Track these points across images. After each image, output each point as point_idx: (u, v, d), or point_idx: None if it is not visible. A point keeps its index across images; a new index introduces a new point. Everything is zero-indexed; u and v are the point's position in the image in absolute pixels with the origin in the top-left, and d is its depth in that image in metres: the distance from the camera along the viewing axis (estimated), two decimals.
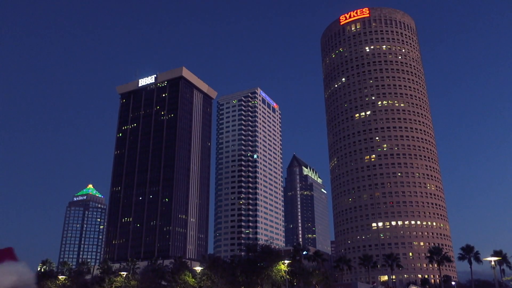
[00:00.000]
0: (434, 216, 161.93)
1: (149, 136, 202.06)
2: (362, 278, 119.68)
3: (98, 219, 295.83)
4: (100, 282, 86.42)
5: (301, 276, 73.75)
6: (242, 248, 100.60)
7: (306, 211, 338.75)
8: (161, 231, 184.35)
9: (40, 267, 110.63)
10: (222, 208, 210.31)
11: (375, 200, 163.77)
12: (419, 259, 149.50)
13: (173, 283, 78.18)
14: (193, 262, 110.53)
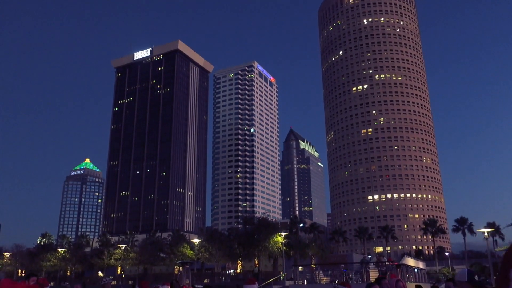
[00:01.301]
0: (430, 189, 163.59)
1: (146, 111, 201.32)
2: (357, 250, 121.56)
3: (96, 193, 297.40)
4: (99, 255, 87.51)
5: (297, 248, 74.88)
6: (239, 221, 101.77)
7: (302, 185, 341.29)
8: (159, 205, 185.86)
9: (39, 240, 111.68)
10: (219, 181, 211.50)
11: (371, 173, 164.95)
12: (414, 231, 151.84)
13: (172, 255, 79.30)
14: (191, 235, 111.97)
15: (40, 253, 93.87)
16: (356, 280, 33.07)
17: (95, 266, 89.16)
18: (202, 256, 77.91)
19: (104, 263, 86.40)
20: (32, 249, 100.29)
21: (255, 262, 79.65)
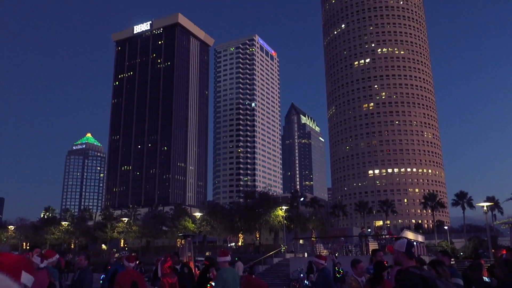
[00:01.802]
0: (430, 163, 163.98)
1: (146, 85, 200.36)
2: (357, 224, 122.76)
3: (97, 167, 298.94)
4: (102, 228, 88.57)
5: (298, 221, 75.64)
6: (241, 195, 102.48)
7: (303, 159, 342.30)
8: (161, 179, 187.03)
9: (43, 213, 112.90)
10: (220, 156, 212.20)
11: (372, 148, 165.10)
12: (414, 205, 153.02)
13: (174, 228, 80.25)
14: (192, 209, 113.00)
15: (44, 226, 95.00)
16: (355, 252, 33.59)
17: (98, 239, 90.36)
18: (203, 229, 78.82)
19: (107, 236, 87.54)
20: (36, 223, 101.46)
21: (256, 235, 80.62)
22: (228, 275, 7.59)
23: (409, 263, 4.49)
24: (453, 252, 68.86)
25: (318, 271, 9.23)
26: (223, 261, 7.87)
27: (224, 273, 7.57)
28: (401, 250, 4.67)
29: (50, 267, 8.38)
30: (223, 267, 7.76)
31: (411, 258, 4.51)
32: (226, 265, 7.88)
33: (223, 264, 7.85)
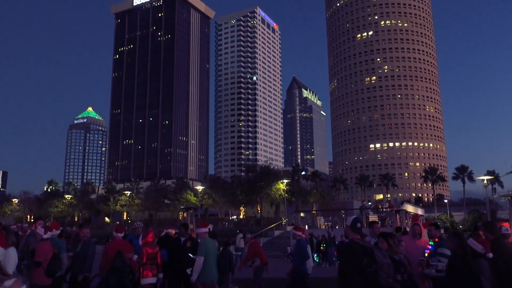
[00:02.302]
0: (431, 137, 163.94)
1: (147, 58, 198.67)
2: (358, 197, 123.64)
3: (99, 141, 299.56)
4: (105, 201, 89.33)
5: (299, 195, 76.10)
6: (242, 169, 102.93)
7: (305, 133, 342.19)
8: (162, 153, 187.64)
9: (46, 187, 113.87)
10: (222, 130, 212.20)
11: (373, 122, 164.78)
12: (414, 179, 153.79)
13: (176, 201, 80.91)
14: (194, 182, 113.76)
15: (47, 200, 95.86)
16: None
17: (101, 212, 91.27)
18: (205, 202, 79.45)
19: (110, 209, 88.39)
20: (39, 196, 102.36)
21: (258, 209, 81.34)
22: (209, 245, 7.92)
23: (354, 236, 4.95)
24: (452, 225, 69.53)
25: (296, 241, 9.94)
26: (203, 232, 8.19)
27: (206, 243, 7.90)
28: (348, 224, 5.19)
29: (56, 238, 8.52)
30: (204, 237, 8.06)
31: (356, 231, 4.96)
32: (206, 236, 8.18)
33: (203, 235, 8.15)
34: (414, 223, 8.08)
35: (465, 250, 5.34)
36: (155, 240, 9.56)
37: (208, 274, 7.77)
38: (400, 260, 5.13)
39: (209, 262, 7.79)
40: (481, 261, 5.50)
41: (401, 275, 5.06)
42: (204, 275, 7.74)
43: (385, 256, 4.76)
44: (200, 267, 7.68)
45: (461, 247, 5.38)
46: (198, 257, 7.80)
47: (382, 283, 4.52)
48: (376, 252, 4.67)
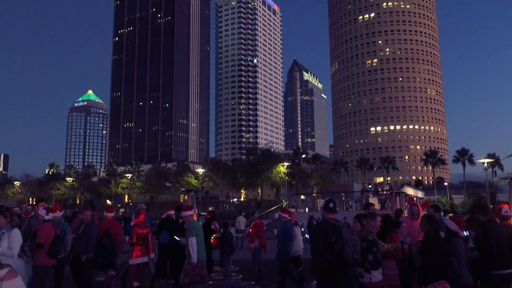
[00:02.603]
0: (432, 120, 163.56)
1: (147, 40, 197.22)
2: (358, 180, 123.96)
3: (100, 124, 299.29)
4: (106, 184, 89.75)
5: (299, 177, 76.39)
6: (243, 152, 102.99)
7: (306, 116, 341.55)
8: (163, 136, 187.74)
9: (48, 170, 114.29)
10: (222, 113, 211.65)
11: (374, 105, 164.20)
12: (415, 162, 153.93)
13: (177, 184, 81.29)
14: (195, 165, 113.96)
15: (49, 182, 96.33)
16: (356, 208, 34.14)
17: (103, 195, 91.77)
18: (206, 185, 79.80)
19: (111, 191, 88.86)
20: (41, 179, 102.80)
21: (258, 191, 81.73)
22: (197, 226, 8.14)
23: (328, 215, 5.34)
24: (452, 207, 69.91)
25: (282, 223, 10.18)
26: (188, 214, 8.34)
27: (194, 224, 8.10)
28: (322, 205, 5.64)
29: (60, 220, 8.59)
30: (190, 220, 8.23)
31: (329, 211, 5.36)
32: (192, 218, 8.35)
33: (189, 218, 8.29)
34: (412, 204, 8.19)
35: (437, 232, 5.61)
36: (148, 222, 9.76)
37: (200, 254, 7.95)
38: (373, 240, 5.36)
39: (197, 243, 7.95)
40: (455, 239, 5.73)
41: (373, 254, 5.29)
42: (195, 256, 7.89)
43: (352, 234, 5.04)
44: (195, 247, 7.84)
45: (433, 229, 5.66)
46: (190, 238, 7.93)
47: (347, 259, 4.86)
48: (344, 230, 4.99)
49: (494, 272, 5.92)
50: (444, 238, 5.89)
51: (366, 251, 5.35)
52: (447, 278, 5.27)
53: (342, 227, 5.06)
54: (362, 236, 5.47)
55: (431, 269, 5.34)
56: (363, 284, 5.30)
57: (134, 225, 9.16)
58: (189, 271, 7.86)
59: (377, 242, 5.43)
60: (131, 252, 8.85)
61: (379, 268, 5.32)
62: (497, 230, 6.10)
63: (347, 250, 4.89)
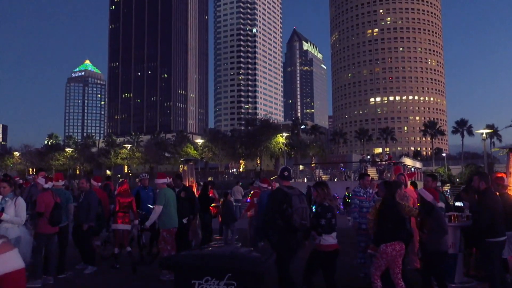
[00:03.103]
0: (432, 91, 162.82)
1: (144, 9, 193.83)
2: (357, 151, 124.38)
3: (98, 95, 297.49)
4: (106, 154, 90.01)
5: (298, 148, 76.66)
6: (242, 123, 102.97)
7: (305, 87, 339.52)
8: (162, 107, 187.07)
9: (47, 140, 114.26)
10: (221, 83, 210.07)
11: (374, 75, 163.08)
12: (414, 133, 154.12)
13: (176, 154, 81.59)
14: (194, 136, 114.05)
15: (48, 153, 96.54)
16: (354, 178, 34.40)
17: (103, 165, 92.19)
18: (205, 156, 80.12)
19: (111, 162, 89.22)
20: (40, 149, 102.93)
21: (257, 162, 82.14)
22: (168, 194, 8.29)
23: (283, 183, 5.78)
24: (450, 178, 70.45)
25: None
26: (161, 182, 8.52)
27: (165, 192, 8.27)
28: (278, 174, 6.03)
29: (62, 189, 8.66)
30: (163, 188, 8.41)
31: (284, 179, 5.78)
32: (165, 186, 8.53)
33: (162, 185, 8.47)
34: (399, 173, 8.39)
35: (394, 199, 5.91)
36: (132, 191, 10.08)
37: (170, 220, 8.18)
38: (328, 206, 5.65)
39: (169, 210, 8.14)
40: (436, 209, 6.02)
41: (326, 219, 5.60)
42: (165, 222, 8.15)
43: (302, 202, 5.52)
44: (157, 214, 8.06)
45: (390, 195, 5.94)
46: (157, 206, 8.14)
47: (294, 224, 5.35)
48: (294, 198, 5.45)
49: (488, 240, 6.05)
50: (442, 208, 6.07)
51: (320, 215, 5.67)
52: (401, 239, 5.64)
53: (292, 195, 5.47)
54: (319, 202, 5.80)
55: (387, 231, 5.65)
56: (315, 246, 5.70)
57: (117, 194, 9.36)
58: (167, 237, 8.15)
59: (333, 208, 5.76)
60: (114, 219, 9.05)
61: (332, 233, 5.61)
62: (493, 199, 6.20)
63: (295, 217, 5.37)
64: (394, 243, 5.57)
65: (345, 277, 7.26)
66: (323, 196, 5.77)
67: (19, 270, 2.53)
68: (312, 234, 5.69)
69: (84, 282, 7.75)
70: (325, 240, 5.62)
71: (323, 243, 5.62)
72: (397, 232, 5.64)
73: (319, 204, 5.84)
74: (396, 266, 5.61)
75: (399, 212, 5.79)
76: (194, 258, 3.65)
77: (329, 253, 5.63)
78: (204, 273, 3.48)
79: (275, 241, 5.57)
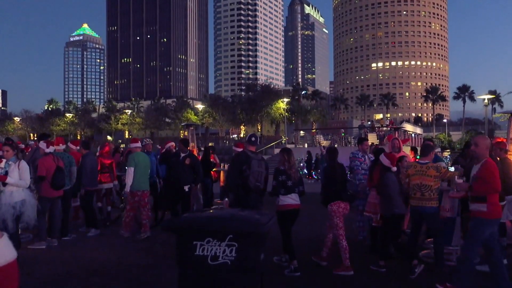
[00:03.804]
0: (435, 56, 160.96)
1: None
2: (357, 117, 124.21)
3: (97, 59, 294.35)
4: (106, 120, 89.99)
5: (299, 114, 76.49)
6: (242, 88, 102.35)
7: (306, 52, 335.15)
8: (162, 72, 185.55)
9: (47, 106, 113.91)
10: (221, 48, 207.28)
11: (377, 40, 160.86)
12: (415, 98, 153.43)
13: (176, 120, 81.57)
14: (194, 102, 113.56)
15: (49, 118, 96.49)
16: (354, 143, 34.52)
17: (103, 131, 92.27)
18: (206, 121, 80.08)
19: (111, 127, 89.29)
20: (41, 114, 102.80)
21: (258, 127, 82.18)
22: (139, 158, 8.60)
23: (248, 147, 6.36)
24: (450, 144, 70.64)
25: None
26: (135, 147, 8.84)
27: (135, 156, 8.60)
28: (246, 139, 6.56)
29: (64, 153, 8.71)
30: (136, 152, 8.75)
31: (250, 144, 6.35)
32: (138, 150, 8.86)
33: (135, 149, 8.80)
34: (393, 138, 8.46)
35: (335, 163, 6.51)
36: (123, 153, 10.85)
37: (138, 183, 8.46)
38: (283, 170, 6.14)
39: (137, 173, 8.39)
40: (387, 174, 6.37)
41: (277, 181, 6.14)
42: (133, 184, 8.43)
43: (260, 166, 6.14)
44: (130, 176, 8.35)
45: (332, 159, 6.55)
46: (128, 168, 8.46)
47: (249, 185, 5.98)
48: (253, 162, 6.06)
49: None
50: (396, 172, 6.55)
51: (274, 178, 6.22)
52: (343, 199, 6.31)
53: (253, 159, 6.09)
54: (277, 166, 6.32)
55: (330, 193, 6.34)
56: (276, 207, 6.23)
57: (99, 155, 9.80)
58: (128, 198, 8.58)
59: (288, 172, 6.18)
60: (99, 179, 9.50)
61: (289, 194, 6.09)
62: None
63: (251, 179, 6.01)
64: (338, 202, 6.24)
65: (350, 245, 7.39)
66: (282, 161, 6.23)
67: (10, 263, 2.14)
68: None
69: (87, 244, 7.91)
70: (282, 200, 6.09)
71: (280, 203, 6.11)
72: (339, 193, 6.28)
73: (276, 167, 6.33)
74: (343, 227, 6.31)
75: (341, 175, 6.44)
76: (196, 220, 3.71)
77: (286, 212, 6.08)
78: (206, 234, 3.55)
79: (231, 199, 6.25)
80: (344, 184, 6.44)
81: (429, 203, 5.99)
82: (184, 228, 3.65)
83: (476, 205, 5.04)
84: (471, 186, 5.09)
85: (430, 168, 6.04)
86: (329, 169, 6.52)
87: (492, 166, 5.04)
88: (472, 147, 5.36)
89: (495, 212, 5.00)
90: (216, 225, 3.54)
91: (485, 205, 4.96)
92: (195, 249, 3.54)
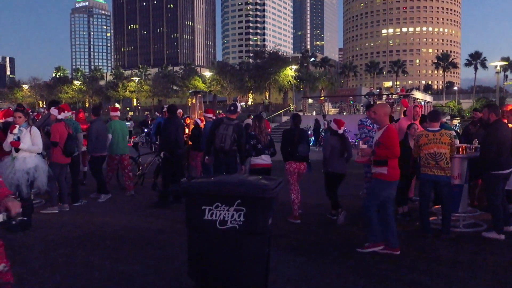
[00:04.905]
0: (447, 22, 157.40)
1: None
2: (367, 84, 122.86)
3: (104, 26, 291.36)
4: (114, 87, 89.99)
5: (307, 81, 75.83)
6: (250, 55, 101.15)
7: (315, 18, 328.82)
8: (169, 39, 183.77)
9: (54, 73, 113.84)
10: (229, 14, 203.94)
11: (387, 5, 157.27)
12: (426, 66, 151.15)
13: (184, 87, 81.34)
14: (202, 69, 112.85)
15: (57, 85, 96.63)
16: (363, 111, 34.32)
17: (111, 98, 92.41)
18: (213, 88, 79.77)
19: (119, 95, 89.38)
20: (49, 82, 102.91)
21: (266, 95, 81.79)
22: (116, 125, 9.42)
23: (228, 115, 7.25)
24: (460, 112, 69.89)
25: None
26: (114, 115, 9.73)
27: (113, 123, 9.43)
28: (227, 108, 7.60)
29: (71, 119, 8.80)
30: (114, 120, 9.59)
31: (229, 112, 7.25)
32: (116, 118, 9.73)
33: (114, 118, 9.67)
34: (415, 105, 8.32)
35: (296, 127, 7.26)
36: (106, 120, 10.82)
37: (115, 148, 9.35)
38: (254, 135, 7.08)
39: (114, 139, 9.27)
40: (327, 136, 7.61)
41: (249, 145, 7.04)
42: (110, 149, 9.29)
43: (225, 129, 6.97)
44: (109, 141, 9.19)
45: (295, 124, 7.32)
46: (108, 134, 9.23)
47: (215, 146, 7.02)
48: (221, 126, 7.02)
49: (492, 172, 6.12)
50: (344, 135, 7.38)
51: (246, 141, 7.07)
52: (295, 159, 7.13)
53: (222, 124, 7.05)
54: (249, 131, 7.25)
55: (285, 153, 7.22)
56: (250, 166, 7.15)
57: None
58: (108, 161, 9.49)
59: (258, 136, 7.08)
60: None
61: (260, 155, 7.05)
62: (503, 131, 6.15)
63: (216, 140, 7.00)
64: (291, 162, 7.11)
65: (350, 208, 7.53)
66: (253, 127, 7.18)
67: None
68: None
69: (99, 210, 8.08)
70: (253, 161, 7.06)
71: (252, 163, 7.06)
72: (292, 153, 7.09)
73: (248, 132, 7.23)
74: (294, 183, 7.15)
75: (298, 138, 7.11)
76: (205, 185, 3.77)
77: (256, 171, 6.87)
78: (215, 199, 3.61)
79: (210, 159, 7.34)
80: (297, 147, 7.07)
81: (444, 172, 6.00)
82: (193, 192, 3.71)
83: (378, 169, 5.35)
84: (373, 150, 5.36)
85: (444, 135, 6.02)
86: (287, 132, 7.29)
87: (392, 132, 5.29)
88: (372, 114, 5.79)
89: (394, 175, 5.35)
90: (224, 190, 3.59)
91: (385, 168, 5.27)
92: (204, 213, 3.60)
